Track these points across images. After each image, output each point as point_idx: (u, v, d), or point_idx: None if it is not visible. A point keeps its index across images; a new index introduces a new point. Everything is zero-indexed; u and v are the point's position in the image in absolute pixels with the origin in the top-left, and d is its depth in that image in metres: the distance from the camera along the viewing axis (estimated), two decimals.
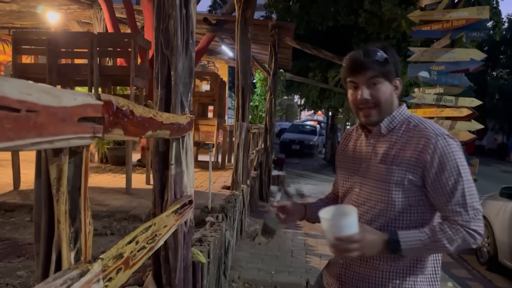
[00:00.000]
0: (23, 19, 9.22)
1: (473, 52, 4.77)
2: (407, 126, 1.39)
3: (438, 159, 1.30)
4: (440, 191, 1.31)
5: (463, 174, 1.30)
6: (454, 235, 1.28)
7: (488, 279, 5.05)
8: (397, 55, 1.44)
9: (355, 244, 1.25)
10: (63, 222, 0.93)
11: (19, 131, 0.65)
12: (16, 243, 2.88)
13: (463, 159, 1.32)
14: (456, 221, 1.30)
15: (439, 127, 1.38)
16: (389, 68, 1.37)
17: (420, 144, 1.32)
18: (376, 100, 1.38)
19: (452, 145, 1.32)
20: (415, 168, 1.32)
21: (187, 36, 1.96)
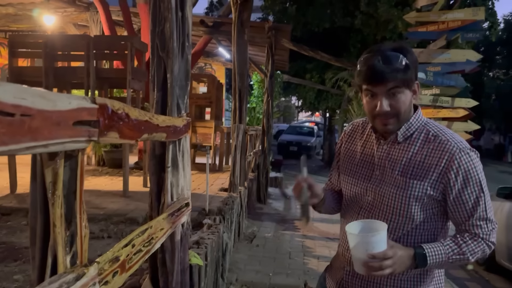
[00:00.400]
0: (19, 22, 9.20)
1: (469, 53, 4.80)
2: (426, 135, 1.33)
3: (462, 176, 1.27)
4: (462, 206, 1.30)
5: (485, 189, 1.30)
6: (476, 248, 1.30)
7: (486, 279, 5.06)
8: (414, 54, 1.32)
9: (389, 261, 1.20)
10: (58, 226, 0.93)
11: (14, 135, 0.65)
12: (13, 247, 2.87)
13: (483, 173, 1.31)
14: (478, 234, 1.30)
15: (459, 138, 1.32)
16: (410, 75, 1.27)
17: (443, 159, 1.28)
18: (396, 111, 1.29)
19: (475, 159, 1.29)
20: (437, 184, 1.29)
21: (183, 38, 1.96)
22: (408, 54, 1.27)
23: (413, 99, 1.33)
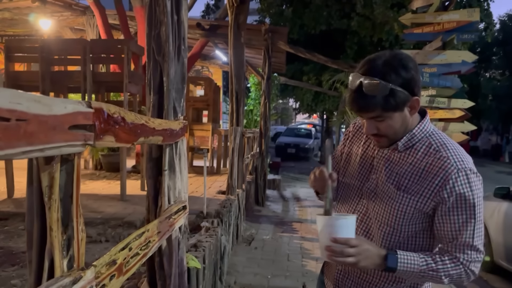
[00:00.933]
0: (15, 26, 9.20)
1: (464, 54, 4.83)
2: (427, 148, 1.26)
3: (455, 197, 1.21)
4: (448, 226, 1.24)
5: (477, 215, 1.22)
6: (452, 270, 1.23)
7: (484, 279, 5.07)
8: (413, 66, 1.21)
9: (352, 249, 1.17)
10: (55, 230, 0.93)
11: (9, 140, 0.66)
12: (10, 251, 2.86)
13: (481, 198, 1.23)
14: (458, 258, 1.23)
15: (462, 156, 1.23)
16: (396, 100, 1.17)
17: (438, 177, 1.21)
18: (384, 133, 1.26)
19: (473, 182, 1.21)
20: (429, 201, 1.24)
21: (179, 42, 1.97)
22: (401, 70, 1.17)
23: (410, 114, 1.24)
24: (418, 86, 1.23)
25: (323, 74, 15.06)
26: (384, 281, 1.34)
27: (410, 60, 1.21)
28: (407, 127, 1.26)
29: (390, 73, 1.16)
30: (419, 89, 1.23)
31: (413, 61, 1.22)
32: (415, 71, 1.21)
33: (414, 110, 1.24)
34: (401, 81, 1.17)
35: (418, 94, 1.22)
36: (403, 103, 1.19)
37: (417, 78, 1.21)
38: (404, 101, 1.19)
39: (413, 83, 1.20)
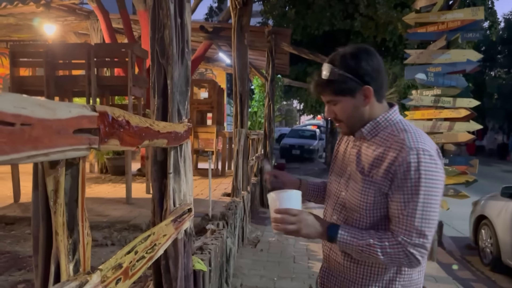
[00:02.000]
0: (20, 32, 9.25)
1: (469, 53, 4.80)
2: (389, 134, 1.31)
3: (403, 172, 1.23)
4: (395, 204, 1.26)
5: (422, 194, 1.21)
6: (389, 248, 1.23)
7: (492, 279, 5.03)
8: (369, 58, 1.30)
9: (292, 218, 1.29)
10: (61, 234, 0.93)
11: (14, 144, 0.66)
12: (17, 256, 2.87)
13: (432, 179, 1.22)
14: (397, 237, 1.24)
15: (422, 138, 1.27)
16: (346, 85, 1.29)
17: (392, 157, 1.25)
18: (339, 117, 1.36)
19: (423, 162, 1.22)
20: (386, 181, 1.27)
21: (183, 45, 1.97)
22: (354, 60, 1.28)
23: (365, 103, 1.32)
24: (373, 77, 1.29)
25: None
26: (363, 278, 1.37)
27: (368, 53, 1.31)
28: (364, 114, 1.34)
29: (343, 62, 1.28)
30: (374, 80, 1.30)
31: (373, 55, 1.31)
32: (371, 63, 1.29)
33: (368, 99, 1.31)
34: (352, 69, 1.27)
35: (371, 84, 1.29)
36: (353, 89, 1.29)
37: (370, 69, 1.29)
38: (354, 88, 1.29)
39: (364, 72, 1.28)
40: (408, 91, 8.32)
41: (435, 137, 4.77)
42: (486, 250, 5.47)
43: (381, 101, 1.36)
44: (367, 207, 1.31)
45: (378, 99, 1.34)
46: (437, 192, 1.24)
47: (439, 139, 4.76)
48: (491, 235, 5.26)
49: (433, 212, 1.23)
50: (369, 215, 1.32)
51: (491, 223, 5.26)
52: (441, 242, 6.12)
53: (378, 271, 1.35)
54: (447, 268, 4.90)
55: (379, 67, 1.32)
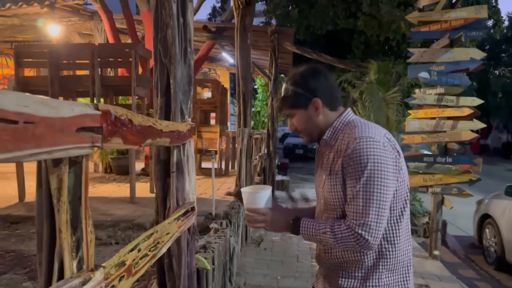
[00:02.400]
0: (24, 32, 9.30)
1: (472, 51, 4.78)
2: (346, 133, 1.42)
3: (349, 160, 1.33)
4: (348, 190, 1.35)
5: (365, 176, 1.29)
6: (339, 233, 1.32)
7: (496, 279, 5.02)
8: (316, 75, 1.47)
9: (261, 217, 1.46)
10: (64, 232, 0.94)
11: (18, 142, 0.67)
12: (22, 255, 2.89)
13: (376, 162, 1.30)
14: (346, 220, 1.33)
15: (368, 129, 1.37)
16: (298, 99, 1.46)
17: (344, 148, 1.37)
18: (298, 129, 1.52)
19: (366, 147, 1.31)
20: (342, 171, 1.37)
21: (185, 44, 1.98)
22: (300, 79, 1.46)
23: (317, 114, 1.46)
24: (321, 91, 1.45)
25: None
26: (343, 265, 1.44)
27: (315, 71, 1.49)
28: (319, 123, 1.48)
29: (294, 80, 1.48)
30: (322, 93, 1.45)
31: (320, 72, 1.48)
32: (319, 79, 1.47)
33: (318, 109, 1.45)
34: (302, 85, 1.45)
35: (320, 96, 1.44)
36: (304, 102, 1.46)
37: (317, 84, 1.46)
38: (305, 101, 1.45)
39: (312, 87, 1.45)
40: (412, 90, 8.29)
41: (438, 136, 4.76)
42: (490, 249, 5.45)
43: (335, 109, 1.48)
44: (340, 202, 1.39)
45: (331, 108, 1.47)
46: (382, 174, 1.30)
47: (443, 137, 4.74)
48: (495, 234, 5.24)
49: (378, 193, 1.29)
50: (343, 209, 1.38)
51: (495, 222, 5.24)
52: (445, 241, 6.11)
53: (356, 257, 1.40)
54: (451, 267, 4.89)
55: (326, 82, 1.48)
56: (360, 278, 1.41)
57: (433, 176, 4.79)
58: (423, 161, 4.86)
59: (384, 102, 7.97)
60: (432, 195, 4.92)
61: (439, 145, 4.85)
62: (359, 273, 1.41)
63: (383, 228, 1.31)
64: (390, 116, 7.98)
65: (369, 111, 7.93)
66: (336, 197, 1.40)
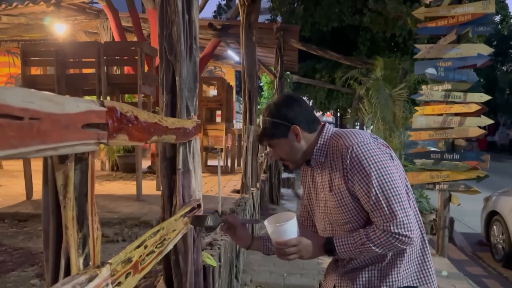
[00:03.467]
0: (31, 31, 9.35)
1: (480, 47, 4.74)
2: (334, 147, 1.45)
3: (350, 169, 1.37)
4: (363, 200, 1.36)
5: (374, 178, 1.32)
6: (378, 239, 1.32)
7: (504, 276, 4.98)
8: (290, 103, 1.51)
9: (293, 248, 1.41)
10: (70, 228, 0.94)
11: (23, 138, 0.66)
12: (30, 252, 2.91)
13: (375, 162, 1.34)
14: (377, 225, 1.33)
15: (354, 136, 1.41)
16: (276, 129, 1.48)
17: (340, 162, 1.40)
18: (281, 157, 1.55)
19: (361, 151, 1.35)
20: (347, 184, 1.39)
21: (191, 41, 1.97)
22: (278, 107, 1.50)
23: (298, 140, 1.49)
24: (297, 117, 1.48)
25: (336, 71, 14.95)
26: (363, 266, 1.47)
27: (288, 99, 1.54)
28: (301, 148, 1.50)
29: (270, 111, 1.51)
30: (299, 120, 1.48)
31: (293, 100, 1.53)
32: (292, 107, 1.50)
33: (298, 136, 1.48)
34: (278, 115, 1.48)
35: (297, 123, 1.47)
36: (283, 131, 1.48)
37: (292, 112, 1.48)
38: (284, 130, 1.48)
39: (288, 116, 1.48)
40: (418, 86, 8.24)
41: (446, 132, 4.72)
42: (498, 246, 5.41)
43: (315, 130, 1.52)
44: (352, 214, 1.42)
45: (310, 131, 1.51)
46: (386, 169, 1.34)
47: (450, 134, 4.71)
48: (503, 231, 5.20)
49: (393, 188, 1.32)
50: (358, 219, 1.42)
51: (503, 219, 5.20)
52: (452, 238, 6.07)
53: (376, 257, 1.44)
54: (458, 264, 4.86)
55: (301, 108, 1.51)
56: (380, 275, 1.44)
57: (440, 173, 4.76)
58: (430, 158, 4.83)
59: (390, 99, 7.91)
60: (439, 192, 4.89)
61: (446, 141, 4.81)
62: (376, 271, 1.44)
63: (413, 218, 1.33)
64: (397, 112, 7.93)
65: (376, 108, 7.89)
66: (346, 211, 1.42)
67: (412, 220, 1.31)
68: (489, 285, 4.61)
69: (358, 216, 1.42)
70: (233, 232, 1.66)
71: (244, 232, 1.66)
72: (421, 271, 1.47)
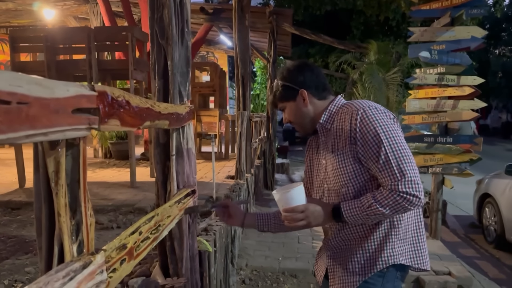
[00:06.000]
0: (20, 17, 9.18)
1: (473, 30, 4.72)
2: (342, 113, 1.48)
3: (359, 130, 1.37)
4: (371, 162, 1.36)
5: (384, 138, 1.33)
6: (385, 200, 1.31)
7: (496, 257, 5.05)
8: (302, 68, 1.57)
9: (300, 214, 1.40)
10: (63, 215, 0.93)
11: (11, 123, 0.64)
12: (23, 240, 2.90)
13: (385, 125, 1.36)
14: (386, 185, 1.32)
15: (366, 102, 1.45)
16: (286, 92, 1.56)
17: (348, 124, 1.41)
18: (290, 121, 1.61)
19: (371, 115, 1.37)
20: (352, 146, 1.40)
21: (182, 24, 1.94)
22: (289, 73, 1.56)
23: (305, 104, 1.54)
24: (306, 83, 1.54)
25: (329, 55, 14.88)
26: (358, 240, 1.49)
27: (301, 65, 1.59)
28: (308, 113, 1.56)
29: (282, 75, 1.59)
30: (308, 85, 1.54)
31: (305, 66, 1.59)
32: (304, 72, 1.56)
33: (305, 100, 1.54)
34: (288, 79, 1.56)
35: (306, 88, 1.54)
36: (292, 94, 1.55)
37: (303, 77, 1.55)
38: (292, 93, 1.55)
39: (298, 80, 1.55)
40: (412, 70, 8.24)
41: (439, 116, 4.73)
42: (490, 228, 5.48)
43: (324, 98, 1.57)
44: (349, 176, 1.43)
45: (319, 98, 1.56)
46: (395, 131, 1.36)
47: (443, 117, 4.72)
48: (495, 213, 5.26)
49: (403, 149, 1.33)
50: (353, 183, 1.43)
51: (495, 201, 5.25)
52: (445, 220, 6.14)
53: (367, 231, 1.45)
54: (451, 246, 4.92)
55: (312, 74, 1.56)
56: (374, 250, 1.45)
57: (433, 156, 4.78)
58: (423, 141, 4.84)
59: (384, 83, 7.91)
60: (433, 175, 4.92)
61: (439, 125, 4.82)
62: (372, 245, 1.45)
63: (420, 180, 1.32)
64: (390, 97, 7.94)
65: (369, 92, 7.89)
66: (344, 173, 1.43)
67: (420, 182, 1.31)
68: (481, 266, 4.68)
69: (355, 179, 1.42)
70: (227, 213, 1.70)
71: (236, 210, 1.71)
72: (415, 251, 1.48)
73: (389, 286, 1.46)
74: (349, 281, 1.48)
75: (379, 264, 1.43)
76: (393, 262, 1.43)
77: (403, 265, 1.46)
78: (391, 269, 1.45)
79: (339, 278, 1.52)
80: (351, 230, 1.49)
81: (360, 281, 1.46)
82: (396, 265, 1.44)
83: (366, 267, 1.46)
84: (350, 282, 1.48)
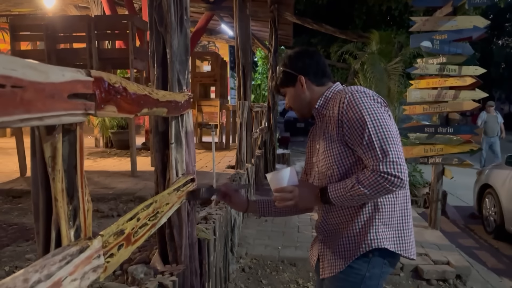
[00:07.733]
0: (20, 6, 9.14)
1: (476, 19, 4.68)
2: (336, 99, 1.49)
3: (346, 112, 1.40)
4: (354, 141, 1.38)
5: (368, 120, 1.34)
6: (367, 180, 1.31)
7: (495, 247, 5.07)
8: (301, 55, 1.61)
9: (289, 194, 1.46)
10: (60, 200, 0.93)
11: (5, 107, 0.65)
12: (24, 227, 2.92)
13: (370, 107, 1.37)
14: (369, 166, 1.33)
15: (357, 87, 1.47)
16: (286, 78, 1.61)
17: (337, 107, 1.44)
18: (290, 106, 1.67)
19: (358, 98, 1.39)
20: (339, 129, 1.43)
21: (181, 12, 1.93)
22: (289, 59, 1.61)
23: (303, 89, 1.59)
24: (305, 69, 1.59)
25: (331, 45, 14.77)
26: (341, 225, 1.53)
27: (301, 52, 1.64)
28: (306, 98, 1.60)
29: (283, 61, 1.64)
30: (306, 71, 1.59)
31: (304, 53, 1.63)
32: (303, 58, 1.60)
33: (303, 86, 1.58)
34: (288, 65, 1.61)
35: (305, 74, 1.58)
36: (292, 80, 1.60)
37: (302, 64, 1.59)
38: (291, 79, 1.60)
39: (296, 66, 1.59)
40: (414, 60, 8.19)
41: (440, 106, 4.71)
42: (489, 219, 5.49)
43: (323, 84, 1.60)
44: (335, 159, 1.46)
45: (318, 84, 1.60)
46: (381, 114, 1.37)
47: (444, 108, 4.70)
48: (495, 203, 5.27)
49: (387, 131, 1.33)
50: (339, 166, 1.46)
51: (496, 192, 5.26)
52: (445, 211, 6.15)
53: (352, 213, 1.48)
54: (450, 237, 4.93)
55: (311, 60, 1.60)
56: (358, 232, 1.46)
57: (434, 147, 4.77)
58: (424, 132, 4.83)
59: (385, 73, 7.87)
60: (433, 166, 4.92)
61: (440, 115, 4.81)
62: (356, 228, 1.46)
63: (404, 162, 1.31)
64: (392, 87, 7.90)
65: (371, 82, 7.85)
66: (330, 155, 1.47)
67: (403, 163, 1.30)
68: (480, 256, 4.69)
69: (340, 162, 1.45)
70: (228, 199, 1.76)
71: (239, 198, 1.76)
72: (400, 237, 1.47)
73: (376, 271, 1.47)
74: (335, 264, 1.51)
75: (362, 248, 1.44)
76: (376, 246, 1.42)
77: (391, 252, 1.46)
78: (376, 254, 1.45)
79: (328, 261, 1.54)
80: (337, 213, 1.52)
81: (345, 264, 1.47)
82: (381, 249, 1.44)
83: (351, 250, 1.47)
84: (336, 265, 1.50)
